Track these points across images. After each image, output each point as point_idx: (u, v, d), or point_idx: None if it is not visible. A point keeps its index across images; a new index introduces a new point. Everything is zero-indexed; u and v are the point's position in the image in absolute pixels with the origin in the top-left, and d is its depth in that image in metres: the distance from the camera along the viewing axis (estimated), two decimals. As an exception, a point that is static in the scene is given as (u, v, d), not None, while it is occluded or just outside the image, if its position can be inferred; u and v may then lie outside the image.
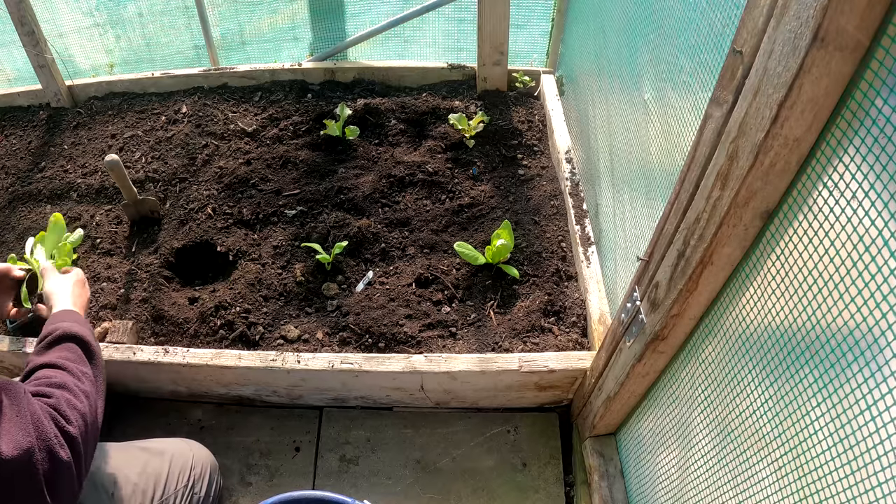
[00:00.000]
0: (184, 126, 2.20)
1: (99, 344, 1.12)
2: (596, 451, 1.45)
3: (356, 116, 2.17)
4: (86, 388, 0.96)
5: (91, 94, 2.39)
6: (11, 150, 2.23)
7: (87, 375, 0.99)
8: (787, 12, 0.61)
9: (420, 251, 1.79)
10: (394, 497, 1.55)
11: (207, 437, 1.65)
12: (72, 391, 0.92)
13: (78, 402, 0.91)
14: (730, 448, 0.89)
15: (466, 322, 1.63)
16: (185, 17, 2.60)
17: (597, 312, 1.56)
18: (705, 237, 0.82)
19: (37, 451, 0.77)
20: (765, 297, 0.78)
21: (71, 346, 1.03)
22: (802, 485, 0.70)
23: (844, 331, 0.63)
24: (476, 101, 2.24)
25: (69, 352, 1.01)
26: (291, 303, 1.68)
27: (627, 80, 1.46)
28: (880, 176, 0.57)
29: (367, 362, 1.45)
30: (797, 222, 0.70)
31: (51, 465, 0.79)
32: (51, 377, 0.94)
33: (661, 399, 1.17)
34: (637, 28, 1.39)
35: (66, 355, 1.00)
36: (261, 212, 1.89)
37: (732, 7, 0.89)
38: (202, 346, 1.59)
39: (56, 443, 0.81)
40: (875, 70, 0.57)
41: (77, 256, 1.81)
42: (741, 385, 0.85)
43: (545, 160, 2.06)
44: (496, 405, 1.66)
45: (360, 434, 1.66)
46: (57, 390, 0.91)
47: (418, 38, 2.48)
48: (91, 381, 0.99)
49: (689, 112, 1.06)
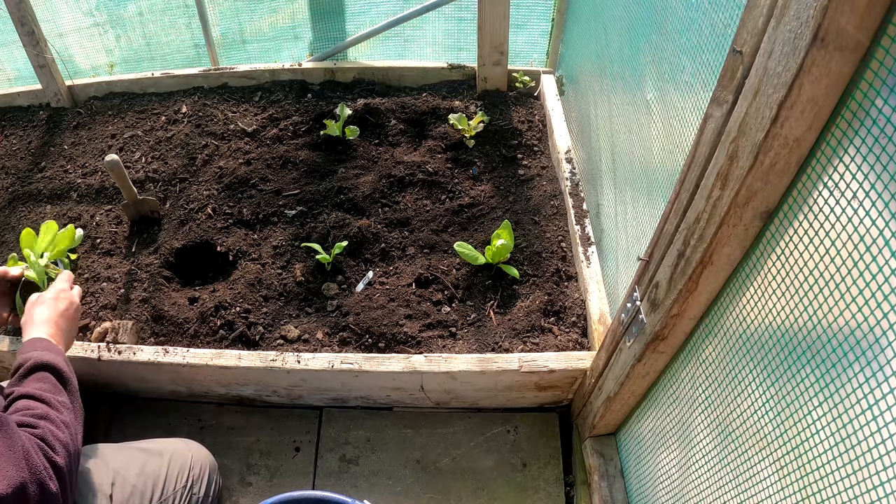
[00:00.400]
0: (184, 126, 2.20)
1: (72, 368, 1.10)
2: (596, 451, 1.45)
3: (356, 116, 2.17)
4: (65, 418, 0.97)
5: (91, 94, 2.39)
6: (11, 150, 2.23)
7: (65, 404, 1.00)
8: (787, 12, 0.61)
9: (420, 251, 1.79)
10: (394, 497, 1.55)
11: (207, 437, 1.65)
12: (54, 422, 0.94)
13: (60, 432, 0.93)
14: (730, 448, 0.89)
15: (466, 322, 1.63)
16: (186, 17, 2.60)
17: (597, 312, 1.56)
18: (705, 237, 0.82)
19: (29, 484, 0.79)
20: (765, 297, 0.78)
21: (44, 374, 1.04)
22: (803, 485, 0.70)
23: (845, 331, 0.63)
24: (476, 101, 2.24)
25: (44, 382, 1.02)
26: (291, 303, 1.68)
27: (629, 80, 1.46)
28: (880, 176, 0.56)
29: (367, 362, 1.45)
30: (797, 222, 0.70)
31: (41, 498, 0.80)
32: (32, 408, 0.96)
33: (661, 399, 1.17)
34: (639, 28, 1.39)
35: (41, 386, 1.01)
36: (261, 212, 1.89)
37: (734, 7, 0.89)
38: (202, 346, 1.59)
39: (46, 475, 0.83)
40: (875, 70, 0.57)
41: (77, 256, 1.81)
42: (741, 385, 0.85)
43: (545, 160, 2.06)
44: (496, 405, 1.66)
45: (360, 434, 1.66)
46: (41, 421, 0.93)
47: (418, 37, 2.48)
48: (69, 409, 1.00)
49: (691, 112, 1.06)
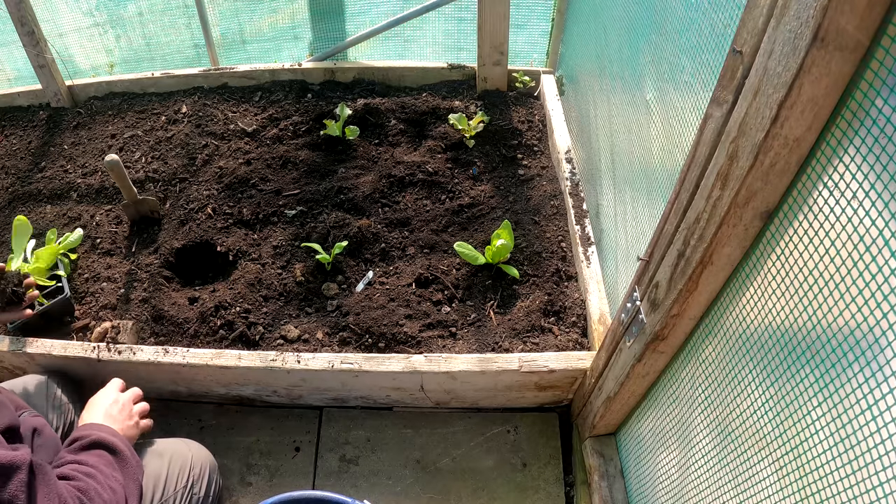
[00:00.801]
0: (184, 126, 2.20)
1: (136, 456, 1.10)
2: (596, 451, 1.45)
3: (356, 116, 2.17)
4: (113, 484, 0.96)
5: (91, 94, 2.39)
6: (11, 150, 2.23)
7: (117, 479, 1.00)
8: (787, 12, 0.61)
9: (420, 251, 1.79)
10: (394, 497, 1.55)
11: (207, 437, 1.65)
12: (100, 483, 0.94)
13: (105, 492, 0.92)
14: (730, 448, 0.89)
15: (466, 322, 1.63)
16: (185, 17, 2.60)
17: (597, 312, 1.56)
18: (705, 237, 0.82)
19: None
20: (765, 297, 0.78)
21: (100, 452, 1.04)
22: (803, 485, 0.70)
23: (844, 331, 0.63)
24: (476, 101, 2.24)
25: (97, 457, 1.03)
26: (291, 303, 1.68)
27: (629, 80, 1.46)
28: (880, 176, 0.56)
29: (367, 362, 1.45)
30: (797, 222, 0.70)
31: None
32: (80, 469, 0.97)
33: (661, 399, 1.17)
34: (639, 28, 1.39)
35: (93, 461, 1.01)
36: (261, 212, 1.89)
37: (733, 7, 0.89)
38: (202, 346, 1.59)
39: None
40: (875, 70, 0.57)
41: (77, 256, 1.81)
42: (741, 385, 0.85)
43: (545, 160, 2.06)
44: (496, 405, 1.66)
45: (360, 434, 1.66)
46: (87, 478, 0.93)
47: (418, 37, 2.48)
48: (120, 483, 0.99)
49: (691, 112, 1.06)
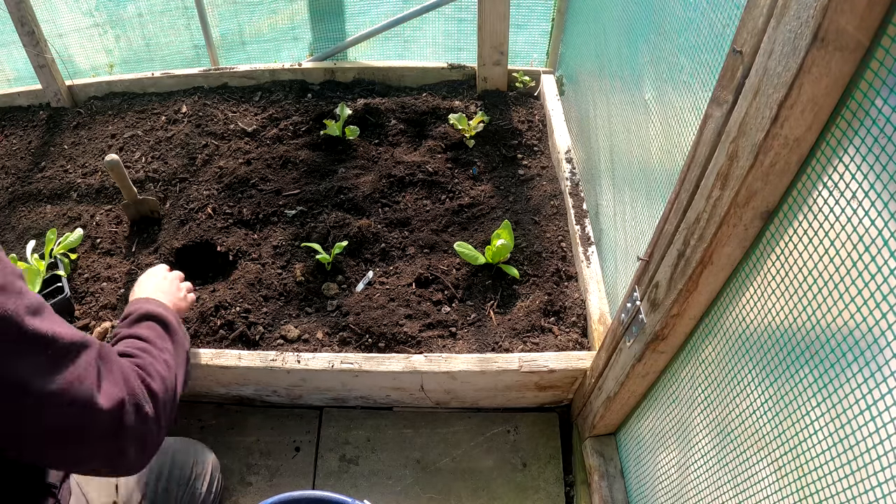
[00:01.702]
0: (184, 126, 2.20)
1: (182, 324, 1.18)
2: (596, 451, 1.45)
3: (356, 116, 2.17)
4: (166, 357, 1.02)
5: (91, 94, 2.39)
6: (11, 150, 2.23)
7: (168, 350, 1.05)
8: (787, 12, 0.61)
9: (420, 251, 1.79)
10: (394, 497, 1.55)
11: (207, 436, 1.65)
12: (154, 357, 0.99)
13: (159, 365, 0.97)
14: (730, 448, 0.89)
15: (466, 322, 1.63)
16: (185, 18, 2.60)
17: (597, 312, 1.56)
18: (705, 237, 0.82)
19: (127, 403, 0.83)
20: (765, 297, 0.78)
21: (151, 324, 1.10)
22: (802, 485, 0.70)
23: (844, 331, 0.63)
24: (476, 101, 2.24)
25: (150, 329, 1.08)
26: (291, 303, 1.68)
27: (628, 80, 1.46)
28: (880, 176, 0.57)
29: (367, 362, 1.45)
30: (797, 222, 0.70)
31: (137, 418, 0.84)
32: (136, 344, 1.02)
33: (661, 399, 1.17)
34: (637, 28, 1.39)
35: (148, 333, 1.07)
36: (261, 212, 1.89)
37: (732, 7, 0.89)
38: (202, 345, 1.59)
39: (142, 398, 0.87)
40: (875, 70, 0.57)
41: (77, 256, 1.81)
42: (741, 385, 0.85)
43: (545, 160, 2.06)
44: (496, 405, 1.66)
45: (360, 434, 1.66)
46: (142, 353, 0.98)
47: (418, 38, 2.48)
48: (171, 354, 1.05)
49: (690, 112, 1.06)
